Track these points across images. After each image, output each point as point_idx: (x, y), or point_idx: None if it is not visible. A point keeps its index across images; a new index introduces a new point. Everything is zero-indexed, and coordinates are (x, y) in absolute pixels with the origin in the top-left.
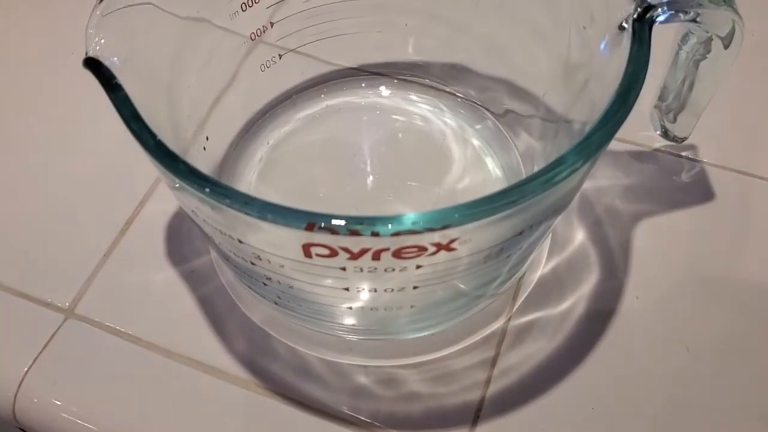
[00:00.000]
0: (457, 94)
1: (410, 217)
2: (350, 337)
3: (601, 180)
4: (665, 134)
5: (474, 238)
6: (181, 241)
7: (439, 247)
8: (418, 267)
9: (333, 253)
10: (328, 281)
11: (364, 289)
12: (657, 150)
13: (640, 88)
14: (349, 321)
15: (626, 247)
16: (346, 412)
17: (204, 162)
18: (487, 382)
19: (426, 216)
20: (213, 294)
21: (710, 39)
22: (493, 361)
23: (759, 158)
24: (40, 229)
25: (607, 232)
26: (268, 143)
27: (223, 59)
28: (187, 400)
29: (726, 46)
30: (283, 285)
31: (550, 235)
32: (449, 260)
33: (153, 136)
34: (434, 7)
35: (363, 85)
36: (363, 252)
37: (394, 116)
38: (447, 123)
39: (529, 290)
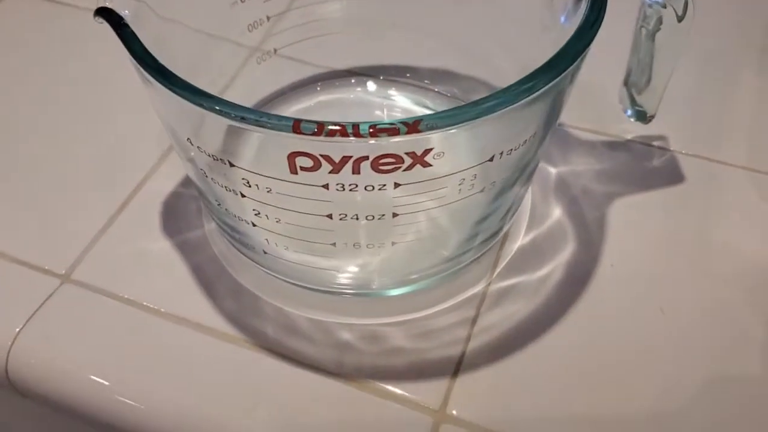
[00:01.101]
0: (443, 92)
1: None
2: (335, 290)
3: (578, 165)
4: (635, 114)
5: (447, 152)
6: (177, 216)
7: (415, 158)
8: (397, 186)
9: (316, 165)
10: (312, 205)
11: (346, 216)
12: (629, 140)
13: (598, 25)
14: (334, 263)
15: (601, 222)
16: (331, 365)
17: None
18: (468, 338)
19: (400, 119)
20: (205, 262)
21: (663, 8)
22: (474, 321)
23: (725, 147)
24: (43, 204)
25: (583, 209)
26: None
27: (224, 61)
28: (179, 356)
29: (680, 20)
30: (271, 220)
31: (529, 208)
32: (426, 180)
33: (159, 63)
34: (420, 20)
35: (353, 81)
36: (344, 161)
37: (379, 111)
38: None
39: (508, 259)
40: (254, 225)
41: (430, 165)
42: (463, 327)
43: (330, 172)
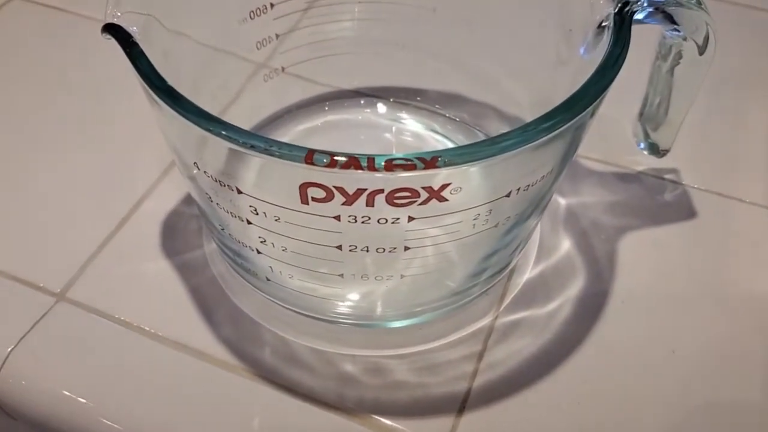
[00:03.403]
0: (452, 117)
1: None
2: (338, 320)
3: (587, 197)
4: (649, 147)
5: (464, 187)
6: (176, 236)
7: (431, 193)
8: (411, 219)
9: (329, 196)
10: (321, 236)
11: (356, 247)
12: (641, 172)
13: (622, 60)
14: (340, 293)
15: (611, 256)
16: (332, 397)
17: None
18: (474, 374)
19: (417, 153)
20: (204, 284)
21: (684, 41)
22: (480, 355)
23: (738, 181)
24: (40, 219)
25: (593, 242)
26: None
27: (231, 78)
28: (173, 382)
29: (701, 53)
30: (277, 248)
31: (537, 241)
32: (441, 214)
33: (167, 84)
34: (431, 42)
35: (362, 102)
36: (358, 194)
37: (388, 134)
38: (439, 140)
39: (516, 291)
40: (259, 252)
41: (446, 200)
42: (469, 362)
43: (343, 204)
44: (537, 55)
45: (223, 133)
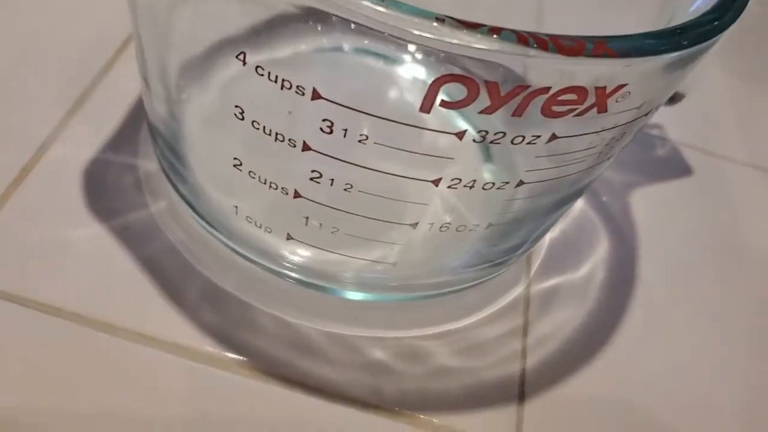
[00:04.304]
0: None
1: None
2: (365, 285)
3: None
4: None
5: (634, 92)
6: (107, 192)
7: (600, 98)
8: (552, 138)
9: (471, 95)
10: (422, 162)
11: (459, 182)
12: None
13: None
14: (391, 251)
15: (627, 213)
16: (364, 393)
17: None
18: (524, 352)
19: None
20: (160, 255)
21: None
22: (524, 330)
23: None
24: None
25: (605, 199)
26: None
27: None
28: (140, 383)
29: None
30: (336, 186)
31: None
32: (582, 134)
33: None
34: None
35: None
36: (514, 93)
37: None
38: None
39: (542, 255)
40: (297, 196)
41: (606, 111)
42: (514, 338)
43: (483, 111)
44: None
45: None
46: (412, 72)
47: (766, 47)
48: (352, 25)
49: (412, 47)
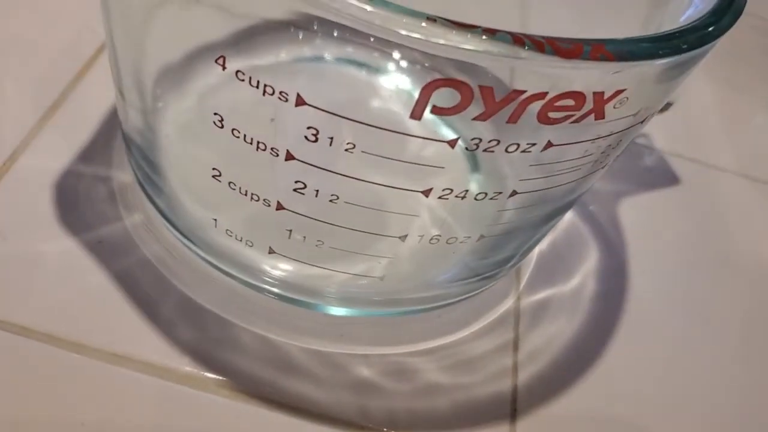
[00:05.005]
0: None
1: None
2: (352, 299)
3: None
4: None
5: (631, 98)
6: (80, 203)
7: (597, 104)
8: (548, 146)
9: (464, 102)
10: (414, 172)
11: (450, 192)
12: None
13: None
14: (377, 265)
15: (615, 223)
16: (351, 413)
17: None
18: (515, 368)
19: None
20: (135, 271)
21: None
22: (515, 344)
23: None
24: None
25: (592, 209)
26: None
27: None
28: (114, 405)
29: None
30: (322, 197)
31: None
32: (578, 142)
33: None
34: None
35: None
36: (509, 100)
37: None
38: None
39: (531, 267)
40: (280, 208)
41: (603, 118)
42: (504, 353)
43: (477, 117)
44: None
45: None
46: (395, 81)
47: (750, 55)
48: (335, 33)
49: (396, 55)
